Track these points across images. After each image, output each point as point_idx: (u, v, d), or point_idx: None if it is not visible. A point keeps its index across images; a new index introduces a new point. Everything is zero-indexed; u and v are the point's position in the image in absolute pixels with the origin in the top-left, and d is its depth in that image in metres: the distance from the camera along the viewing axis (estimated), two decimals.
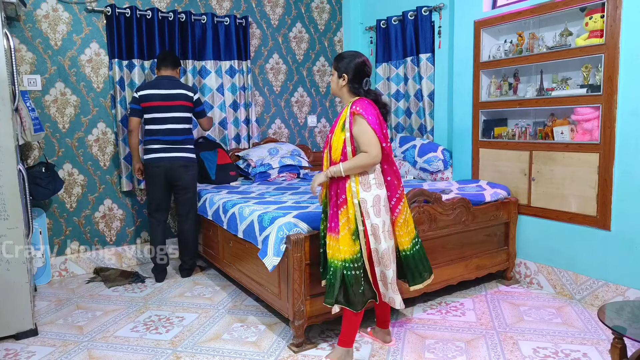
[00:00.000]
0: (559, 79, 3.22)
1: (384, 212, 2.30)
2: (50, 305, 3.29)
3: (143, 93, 3.51)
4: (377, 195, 2.28)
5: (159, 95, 3.51)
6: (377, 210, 2.27)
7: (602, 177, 2.92)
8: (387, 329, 2.62)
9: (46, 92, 3.74)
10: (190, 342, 2.69)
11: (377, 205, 2.27)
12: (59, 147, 3.82)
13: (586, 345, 2.55)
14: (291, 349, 2.56)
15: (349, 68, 2.33)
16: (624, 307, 2.17)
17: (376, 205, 2.27)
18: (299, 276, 2.48)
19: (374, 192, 2.27)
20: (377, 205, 2.27)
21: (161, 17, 4.03)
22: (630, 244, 2.83)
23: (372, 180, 2.29)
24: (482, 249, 3.29)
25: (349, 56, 2.36)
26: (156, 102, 3.50)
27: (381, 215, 2.28)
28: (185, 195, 3.65)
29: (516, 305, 3.09)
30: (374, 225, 2.26)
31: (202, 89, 4.31)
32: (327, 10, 5.04)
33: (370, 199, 2.26)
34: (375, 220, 2.26)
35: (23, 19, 3.61)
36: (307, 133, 5.07)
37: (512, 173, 3.45)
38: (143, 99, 3.51)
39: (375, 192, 2.27)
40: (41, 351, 2.62)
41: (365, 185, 2.27)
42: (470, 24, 3.65)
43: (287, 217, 2.62)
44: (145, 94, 3.51)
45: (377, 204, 2.27)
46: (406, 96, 4.40)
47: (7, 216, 2.65)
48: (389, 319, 2.61)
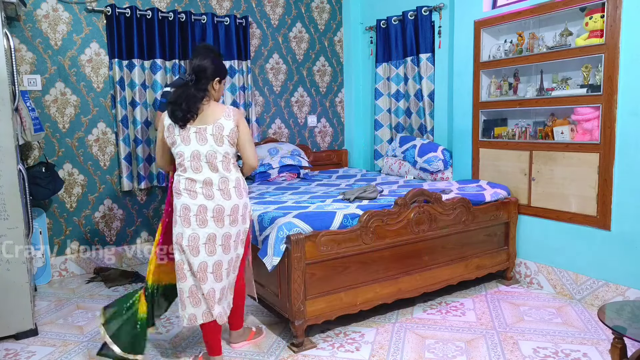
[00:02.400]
0: (559, 79, 3.22)
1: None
2: (50, 305, 3.29)
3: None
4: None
5: None
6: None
7: (602, 177, 2.92)
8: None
9: (46, 92, 3.74)
10: (190, 342, 2.69)
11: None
12: (59, 147, 3.82)
13: (586, 345, 2.55)
14: (291, 349, 2.56)
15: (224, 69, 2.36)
16: (624, 307, 2.18)
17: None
18: (299, 276, 2.48)
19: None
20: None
21: (161, 17, 4.03)
22: (630, 244, 2.83)
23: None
24: (482, 249, 3.29)
25: (217, 56, 2.37)
26: None
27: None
28: None
29: (516, 305, 3.09)
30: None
31: None
32: (327, 10, 5.04)
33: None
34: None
35: (23, 19, 3.61)
36: (307, 133, 5.07)
37: (512, 173, 3.45)
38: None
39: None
40: (41, 351, 2.62)
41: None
42: (470, 24, 3.65)
43: (287, 217, 2.62)
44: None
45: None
46: (406, 96, 4.40)
47: (7, 216, 2.65)
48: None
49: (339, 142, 5.28)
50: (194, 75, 2.21)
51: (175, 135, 2.21)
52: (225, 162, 2.24)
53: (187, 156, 2.20)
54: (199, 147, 2.20)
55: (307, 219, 2.61)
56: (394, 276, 2.86)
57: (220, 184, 2.21)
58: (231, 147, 2.25)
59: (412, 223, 2.86)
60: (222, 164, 2.22)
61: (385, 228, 2.76)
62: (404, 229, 2.84)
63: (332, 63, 5.13)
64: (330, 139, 5.22)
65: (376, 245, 2.75)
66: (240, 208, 2.26)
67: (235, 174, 2.28)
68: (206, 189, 2.19)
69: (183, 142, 2.20)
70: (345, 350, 2.56)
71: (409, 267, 2.93)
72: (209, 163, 2.20)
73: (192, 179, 2.20)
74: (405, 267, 2.91)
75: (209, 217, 2.18)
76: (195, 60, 2.26)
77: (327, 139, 5.20)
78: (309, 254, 2.52)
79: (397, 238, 2.83)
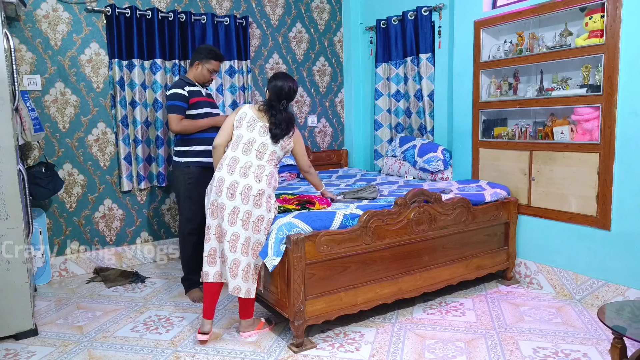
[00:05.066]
0: (559, 79, 3.22)
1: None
2: (50, 305, 3.29)
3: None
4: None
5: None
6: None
7: (602, 177, 2.92)
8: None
9: (46, 92, 3.74)
10: (190, 342, 2.70)
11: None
12: (59, 147, 3.82)
13: (586, 345, 2.55)
14: (291, 349, 2.56)
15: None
16: (624, 307, 2.18)
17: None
18: (299, 276, 2.48)
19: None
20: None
21: (161, 17, 4.03)
22: (630, 244, 2.83)
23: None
24: (482, 249, 3.29)
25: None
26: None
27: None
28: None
29: (516, 305, 3.09)
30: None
31: None
32: (327, 10, 5.04)
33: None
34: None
35: (23, 19, 3.61)
36: (307, 133, 5.07)
37: (512, 173, 3.45)
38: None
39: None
40: (41, 351, 2.62)
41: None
42: (470, 24, 3.65)
43: (287, 217, 2.62)
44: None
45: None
46: (406, 96, 4.40)
47: (7, 216, 2.65)
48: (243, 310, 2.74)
49: (339, 142, 5.28)
50: (285, 100, 2.67)
51: (244, 122, 2.65)
52: (270, 157, 2.63)
53: (244, 139, 2.61)
54: (257, 136, 2.62)
55: (307, 219, 2.61)
56: (394, 276, 2.86)
57: (257, 169, 2.57)
58: (280, 150, 2.66)
59: (412, 223, 2.86)
60: (267, 156, 2.61)
61: (385, 228, 2.76)
62: (404, 229, 2.84)
63: (332, 63, 5.13)
64: (330, 139, 5.22)
65: (376, 245, 2.75)
66: (265, 194, 2.56)
67: (272, 169, 2.63)
68: (244, 169, 2.56)
69: (247, 128, 2.63)
70: (345, 350, 2.56)
71: (409, 267, 2.93)
72: (258, 151, 2.60)
73: (237, 157, 2.59)
74: (405, 267, 2.91)
75: (238, 193, 2.52)
76: (285, 83, 2.69)
77: (327, 139, 5.20)
78: (309, 254, 2.52)
79: (397, 238, 2.83)
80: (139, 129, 4.00)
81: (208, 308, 2.65)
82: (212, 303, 2.66)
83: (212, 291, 2.65)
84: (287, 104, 2.70)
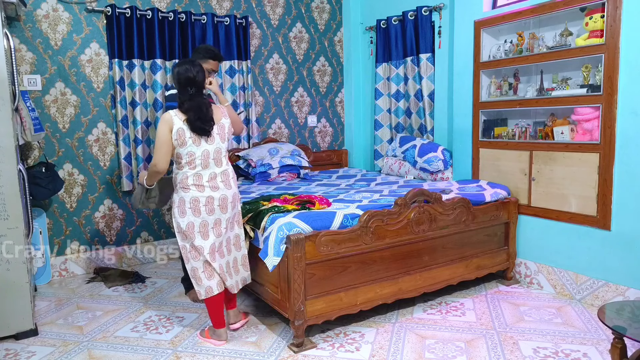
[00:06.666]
0: (559, 79, 3.22)
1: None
2: (50, 305, 3.29)
3: None
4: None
5: None
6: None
7: (602, 177, 2.92)
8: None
9: (46, 92, 3.74)
10: (190, 342, 2.69)
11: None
12: (59, 147, 3.82)
13: (586, 345, 2.55)
14: (291, 349, 2.56)
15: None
16: (624, 307, 2.18)
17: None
18: (299, 276, 2.48)
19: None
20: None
21: (161, 17, 4.03)
22: (630, 244, 2.83)
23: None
24: (482, 249, 3.29)
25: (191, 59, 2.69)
26: None
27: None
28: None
29: (516, 305, 3.09)
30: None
31: None
32: (327, 10, 5.04)
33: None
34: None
35: (23, 19, 3.61)
36: (307, 133, 5.07)
37: (512, 173, 3.45)
38: None
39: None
40: (41, 351, 2.62)
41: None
42: (470, 24, 3.65)
43: (287, 217, 2.62)
44: None
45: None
46: (406, 96, 4.40)
47: (7, 216, 2.65)
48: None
49: (339, 142, 5.28)
50: (190, 86, 2.46)
51: (186, 138, 2.44)
52: (226, 156, 2.60)
53: (198, 155, 2.47)
54: (208, 146, 2.49)
55: (307, 219, 2.61)
56: (394, 276, 2.86)
57: (222, 176, 2.54)
58: (228, 141, 2.62)
59: (412, 223, 2.86)
60: (224, 158, 2.57)
61: (385, 228, 2.76)
62: (404, 229, 2.84)
63: (332, 63, 5.13)
64: (330, 139, 5.22)
65: (376, 245, 2.75)
66: (237, 194, 2.64)
67: (229, 166, 2.61)
68: (212, 182, 2.50)
69: (194, 143, 2.46)
70: (345, 350, 2.56)
71: (409, 267, 2.93)
72: (215, 159, 2.52)
73: (199, 174, 2.48)
74: (405, 267, 2.91)
75: (216, 206, 2.51)
76: (179, 68, 2.48)
77: (327, 139, 5.20)
78: (309, 254, 2.52)
79: (397, 238, 2.83)
80: (139, 129, 4.00)
81: (220, 317, 2.64)
82: (222, 311, 2.66)
83: (220, 302, 2.62)
84: (196, 89, 2.44)
